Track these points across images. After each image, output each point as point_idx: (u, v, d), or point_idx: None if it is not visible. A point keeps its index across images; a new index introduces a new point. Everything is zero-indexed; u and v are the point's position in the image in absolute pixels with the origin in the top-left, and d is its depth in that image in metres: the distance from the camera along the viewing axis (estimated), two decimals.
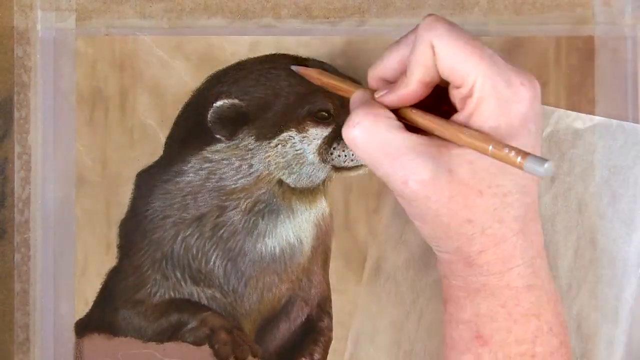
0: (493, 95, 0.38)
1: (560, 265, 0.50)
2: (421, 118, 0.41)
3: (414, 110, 0.41)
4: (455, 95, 0.40)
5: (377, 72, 0.43)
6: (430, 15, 0.40)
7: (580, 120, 0.50)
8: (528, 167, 0.36)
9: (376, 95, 0.42)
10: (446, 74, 0.39)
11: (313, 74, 0.49)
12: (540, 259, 0.41)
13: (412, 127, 0.41)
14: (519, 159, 0.36)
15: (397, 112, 0.41)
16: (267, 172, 0.50)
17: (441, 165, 0.38)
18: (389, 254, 0.51)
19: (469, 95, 0.39)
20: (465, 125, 0.39)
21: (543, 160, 0.35)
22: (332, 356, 0.51)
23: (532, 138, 0.39)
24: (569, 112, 0.50)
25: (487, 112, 0.38)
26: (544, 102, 0.51)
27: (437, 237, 0.41)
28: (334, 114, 0.50)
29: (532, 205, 0.41)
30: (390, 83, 0.42)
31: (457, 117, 0.39)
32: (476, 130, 0.38)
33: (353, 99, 0.43)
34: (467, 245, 0.40)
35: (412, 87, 0.40)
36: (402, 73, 0.41)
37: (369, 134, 0.40)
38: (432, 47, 0.39)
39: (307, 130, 0.50)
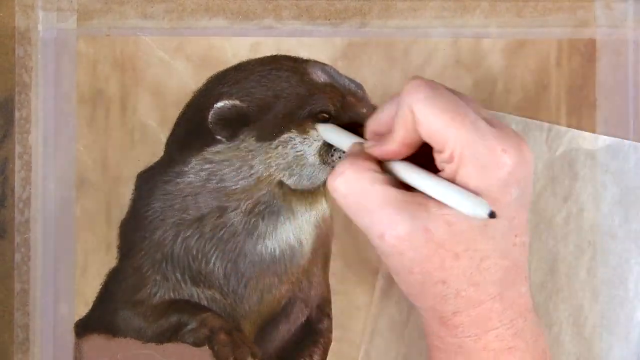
0: (472, 161, 0.38)
1: (572, 285, 0.50)
2: (402, 171, 0.41)
3: (398, 164, 0.41)
4: (437, 158, 0.40)
5: (372, 125, 0.44)
6: (413, 78, 0.40)
7: (593, 141, 0.50)
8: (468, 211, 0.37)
9: (365, 145, 0.43)
10: (426, 139, 0.39)
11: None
12: (523, 320, 0.41)
13: (400, 182, 0.41)
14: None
15: (385, 164, 0.42)
16: (267, 173, 0.50)
17: (418, 223, 0.38)
18: None
19: (448, 160, 0.39)
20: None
21: (481, 203, 0.36)
22: (331, 358, 0.51)
23: (514, 203, 0.39)
24: (582, 132, 0.50)
25: (468, 177, 0.38)
26: (545, 105, 0.51)
27: (412, 294, 0.41)
28: (335, 115, 0.50)
29: (513, 269, 0.40)
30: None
31: (440, 175, 0.40)
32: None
33: (347, 150, 0.44)
34: (440, 305, 0.40)
35: (395, 146, 0.41)
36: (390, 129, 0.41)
37: (350, 185, 0.40)
38: (413, 112, 0.39)
39: (308, 131, 0.50)
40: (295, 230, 0.51)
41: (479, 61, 0.51)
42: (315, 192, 0.51)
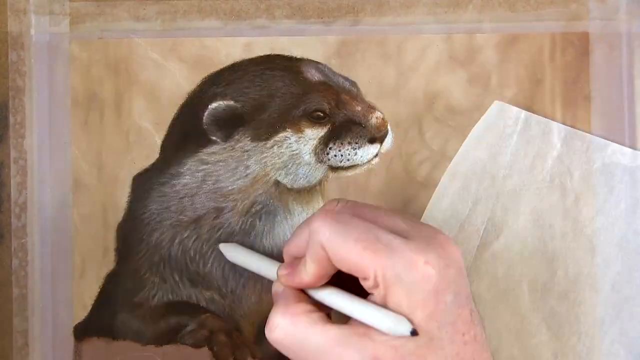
0: (396, 283, 0.38)
1: (595, 298, 0.50)
2: (326, 297, 0.41)
3: (320, 290, 0.41)
4: (364, 285, 0.39)
5: (289, 249, 0.43)
6: (319, 211, 0.41)
7: (633, 157, 0.50)
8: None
9: (278, 272, 0.43)
10: (346, 270, 0.39)
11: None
12: None
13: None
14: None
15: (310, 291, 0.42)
16: (263, 173, 0.50)
17: (367, 354, 0.38)
18: None
19: (374, 286, 0.38)
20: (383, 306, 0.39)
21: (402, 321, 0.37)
22: None
23: (451, 307, 0.38)
24: (623, 147, 0.50)
25: (397, 298, 0.38)
26: (539, 99, 0.51)
27: None
28: (329, 113, 0.50)
29: None
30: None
31: (372, 298, 0.39)
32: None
33: (274, 290, 0.44)
34: None
35: (309, 279, 0.41)
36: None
37: (290, 335, 0.40)
38: (324, 249, 0.39)
39: (303, 130, 0.50)
40: (292, 229, 0.51)
41: (472, 56, 0.51)
42: (312, 190, 0.51)
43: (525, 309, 0.50)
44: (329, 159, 0.50)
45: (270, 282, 0.51)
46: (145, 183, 0.51)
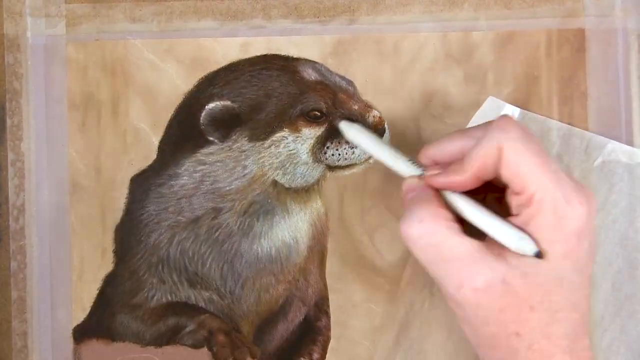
0: (551, 210, 0.38)
1: (596, 295, 0.50)
2: (462, 205, 0.41)
3: (458, 197, 0.41)
4: (512, 201, 0.40)
5: (432, 152, 0.43)
6: (505, 116, 0.40)
7: (633, 155, 0.50)
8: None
9: (427, 173, 0.42)
10: (508, 179, 0.39)
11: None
12: None
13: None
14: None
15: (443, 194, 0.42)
16: (261, 173, 0.50)
17: (496, 275, 0.38)
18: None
19: (526, 205, 0.39)
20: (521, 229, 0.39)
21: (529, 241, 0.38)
22: (330, 355, 0.51)
23: (585, 255, 0.39)
24: (622, 145, 0.50)
25: (544, 225, 0.38)
26: (536, 96, 0.51)
27: (483, 345, 0.41)
28: (326, 113, 0.50)
29: (581, 321, 0.40)
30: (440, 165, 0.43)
31: (513, 220, 0.40)
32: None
33: (408, 186, 0.43)
34: (511, 357, 0.40)
35: (466, 177, 0.40)
36: (458, 160, 0.41)
37: (429, 235, 0.40)
38: (500, 149, 0.39)
39: (300, 130, 0.50)
40: (290, 229, 0.51)
41: (469, 54, 0.51)
42: (309, 190, 0.51)
43: None
44: (326, 158, 0.50)
45: (267, 282, 0.51)
46: (142, 184, 0.51)
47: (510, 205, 0.40)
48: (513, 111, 0.51)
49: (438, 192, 0.42)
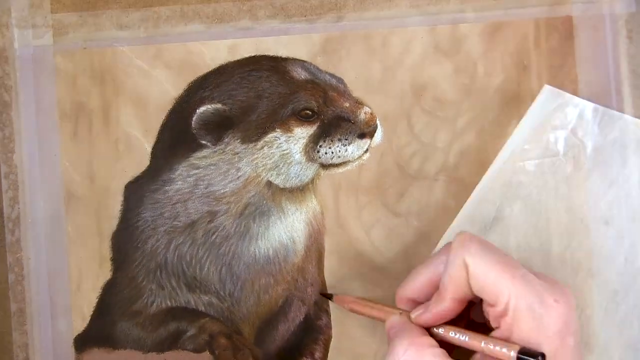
0: (528, 314, 0.39)
1: (609, 270, 0.50)
2: (459, 337, 0.41)
3: (448, 329, 0.42)
4: (489, 313, 0.40)
5: (407, 293, 0.45)
6: (462, 233, 0.41)
7: None
8: None
9: (412, 315, 0.43)
10: (479, 292, 0.40)
11: (347, 303, 0.49)
12: None
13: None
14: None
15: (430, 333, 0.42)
16: (255, 174, 0.50)
17: None
18: None
19: (503, 314, 0.39)
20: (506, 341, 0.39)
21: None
22: (332, 354, 0.51)
23: (572, 352, 0.39)
24: (635, 119, 0.50)
25: (525, 330, 0.39)
26: (527, 86, 0.51)
27: None
28: (318, 111, 0.50)
29: None
30: (419, 303, 0.44)
31: (495, 334, 0.40)
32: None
33: (390, 324, 0.44)
34: None
35: (446, 304, 0.41)
36: (432, 293, 0.42)
37: None
38: (466, 266, 0.40)
39: (292, 129, 0.50)
40: (287, 229, 0.51)
41: (457, 47, 0.51)
42: (304, 189, 0.51)
43: None
44: (319, 157, 0.50)
45: (266, 283, 0.51)
46: (137, 191, 0.51)
47: (489, 318, 0.41)
48: (573, 100, 0.50)
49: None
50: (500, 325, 0.40)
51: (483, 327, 0.43)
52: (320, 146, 0.50)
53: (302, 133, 0.50)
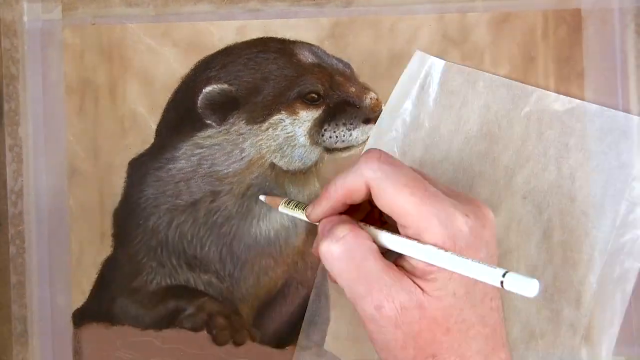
0: (442, 233, 0.38)
1: (528, 245, 0.50)
2: (385, 239, 0.40)
3: (377, 229, 0.41)
4: (404, 232, 0.39)
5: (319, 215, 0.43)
6: (371, 151, 0.40)
7: (560, 102, 0.50)
8: (509, 286, 0.35)
9: (305, 212, 0.44)
10: (389, 213, 0.39)
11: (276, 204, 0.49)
12: None
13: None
14: (500, 277, 0.36)
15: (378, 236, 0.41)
16: (258, 155, 0.50)
17: (414, 298, 0.38)
18: None
19: (418, 235, 0.38)
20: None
21: (527, 279, 0.35)
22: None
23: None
24: (548, 92, 0.50)
25: (434, 239, 0.38)
26: (533, 77, 0.51)
27: None
28: (323, 95, 0.50)
29: (492, 335, 0.40)
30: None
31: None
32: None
33: (330, 218, 0.43)
34: None
35: (332, 204, 0.41)
36: (325, 190, 0.42)
37: (351, 251, 0.39)
38: (367, 185, 0.39)
39: (298, 112, 0.50)
40: None
41: (465, 36, 0.51)
42: (307, 172, 0.51)
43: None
44: (324, 141, 0.50)
45: (266, 265, 0.51)
46: (140, 168, 0.51)
47: (405, 235, 0.40)
48: (437, 63, 0.50)
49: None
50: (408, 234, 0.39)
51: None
52: (325, 130, 0.50)
53: (307, 116, 0.50)
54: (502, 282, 0.35)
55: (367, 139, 0.51)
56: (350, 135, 0.50)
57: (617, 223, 0.50)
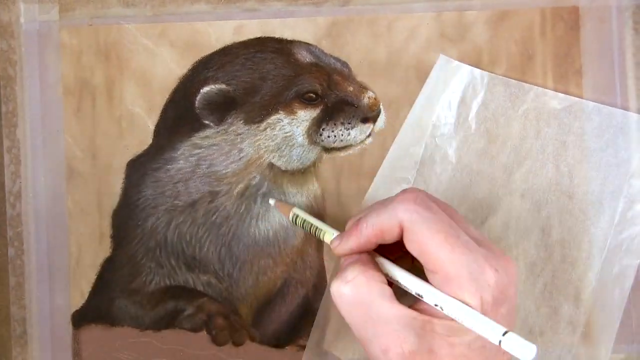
0: (470, 282, 0.38)
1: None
2: (403, 279, 0.41)
3: (397, 269, 0.41)
4: (431, 279, 0.39)
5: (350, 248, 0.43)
6: (407, 191, 0.40)
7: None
8: (507, 346, 0.36)
9: (332, 245, 0.43)
10: (417, 256, 0.39)
11: (287, 212, 0.49)
12: None
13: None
14: (499, 336, 0.36)
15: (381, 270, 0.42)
16: (257, 156, 0.50)
17: (424, 343, 0.38)
18: None
19: (445, 283, 0.38)
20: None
21: (525, 343, 0.35)
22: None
23: (502, 320, 0.39)
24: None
25: (461, 289, 0.38)
26: (531, 75, 0.51)
27: None
28: (321, 94, 0.50)
29: None
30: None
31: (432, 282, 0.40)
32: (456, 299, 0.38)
33: (338, 250, 0.43)
34: None
35: (360, 243, 0.41)
36: (354, 226, 0.42)
37: (361, 294, 0.39)
38: (401, 226, 0.39)
39: (296, 112, 0.50)
40: None
41: (463, 34, 0.51)
42: (306, 172, 0.51)
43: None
44: (322, 140, 0.50)
45: (265, 265, 0.51)
46: (139, 169, 0.51)
47: (430, 281, 0.40)
48: (464, 69, 0.51)
49: (373, 258, 0.42)
50: (442, 289, 0.39)
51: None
52: (323, 129, 0.50)
53: (305, 116, 0.50)
54: (500, 341, 0.36)
55: (365, 139, 0.51)
56: (349, 134, 0.50)
57: (615, 220, 0.50)
